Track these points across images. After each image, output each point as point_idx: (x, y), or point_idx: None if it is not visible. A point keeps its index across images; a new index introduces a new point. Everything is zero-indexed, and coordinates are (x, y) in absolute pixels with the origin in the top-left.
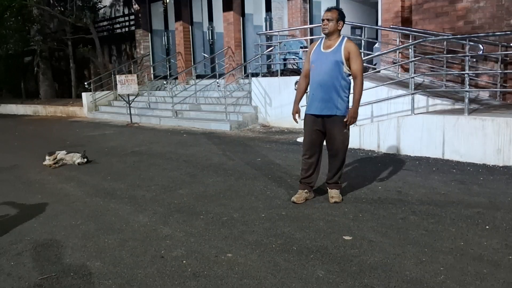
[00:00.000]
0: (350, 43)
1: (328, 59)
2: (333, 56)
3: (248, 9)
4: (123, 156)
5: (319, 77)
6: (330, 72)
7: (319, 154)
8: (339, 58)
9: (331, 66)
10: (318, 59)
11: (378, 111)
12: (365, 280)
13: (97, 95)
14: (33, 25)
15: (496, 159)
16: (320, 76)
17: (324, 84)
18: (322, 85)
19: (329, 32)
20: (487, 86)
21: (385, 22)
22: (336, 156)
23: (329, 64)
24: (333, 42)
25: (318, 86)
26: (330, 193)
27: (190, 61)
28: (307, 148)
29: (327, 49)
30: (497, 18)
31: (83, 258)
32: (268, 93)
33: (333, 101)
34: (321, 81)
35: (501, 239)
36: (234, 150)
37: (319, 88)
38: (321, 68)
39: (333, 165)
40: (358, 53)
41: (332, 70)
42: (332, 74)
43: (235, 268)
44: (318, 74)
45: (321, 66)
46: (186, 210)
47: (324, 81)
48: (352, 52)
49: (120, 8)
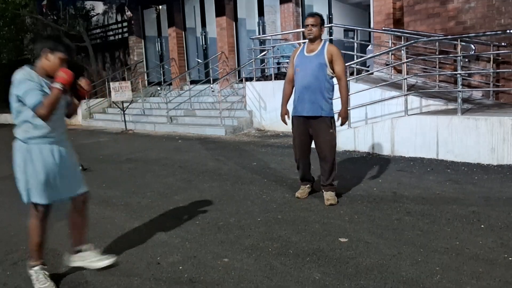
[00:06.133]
0: (332, 47)
1: (313, 62)
2: (317, 59)
3: (241, 14)
4: (118, 163)
5: (304, 79)
6: (315, 75)
7: (310, 152)
8: (322, 60)
9: (316, 68)
10: (303, 62)
11: (372, 113)
12: (361, 282)
13: (91, 103)
14: (27, 34)
15: (490, 158)
16: (305, 79)
17: (310, 86)
18: (308, 87)
19: (314, 37)
20: (480, 86)
21: (377, 24)
22: (325, 158)
23: (313, 67)
24: (315, 46)
25: (304, 89)
26: (325, 195)
27: (184, 66)
28: (298, 149)
29: (311, 53)
30: (488, 18)
31: (79, 267)
32: (263, 97)
33: (318, 103)
34: (307, 83)
35: (496, 238)
36: (230, 155)
37: (305, 90)
38: (306, 71)
39: (324, 167)
40: (340, 56)
41: (317, 73)
42: (317, 76)
43: (231, 273)
44: (303, 77)
45: (306, 69)
46: (181, 216)
47: (309, 83)
48: (334, 54)
49: (113, 15)
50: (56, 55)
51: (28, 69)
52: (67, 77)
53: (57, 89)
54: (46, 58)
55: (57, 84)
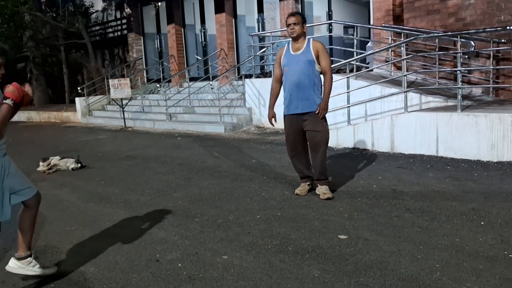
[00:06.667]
0: (317, 42)
1: (300, 60)
2: (304, 56)
3: (240, 10)
4: (117, 160)
5: (294, 77)
6: (305, 72)
7: (306, 149)
8: (310, 57)
9: (304, 66)
10: (291, 61)
11: (371, 110)
12: (361, 279)
13: (91, 100)
14: (25, 32)
15: (490, 155)
16: (295, 77)
17: (301, 83)
18: (299, 85)
19: (297, 35)
20: (479, 83)
21: (376, 20)
22: (318, 151)
23: (302, 65)
24: (300, 45)
25: (295, 87)
26: (320, 189)
27: (183, 63)
28: (292, 147)
29: (297, 51)
30: (488, 15)
31: (78, 264)
32: (262, 94)
33: (311, 98)
34: (297, 81)
35: (496, 235)
36: (229, 152)
37: (296, 88)
38: (295, 69)
39: (316, 161)
40: (325, 51)
41: (307, 70)
42: (307, 73)
43: (230, 270)
44: (293, 75)
45: (295, 67)
46: (181, 213)
47: (300, 81)
48: (320, 50)
49: (112, 12)
50: None
51: None
52: (18, 93)
53: (8, 106)
54: None
55: (8, 100)
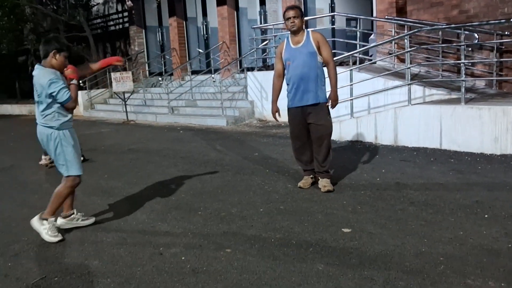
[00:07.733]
0: (316, 34)
1: (302, 52)
2: (305, 49)
3: (242, 3)
4: (119, 154)
5: (297, 70)
6: (307, 64)
7: (310, 142)
8: (312, 49)
9: (307, 58)
10: (293, 55)
11: (375, 103)
12: (365, 272)
13: (93, 93)
14: (26, 24)
15: (493, 148)
16: (299, 69)
17: (304, 75)
18: (302, 78)
19: (298, 29)
20: (483, 75)
21: (380, 13)
22: (322, 144)
23: (304, 57)
24: (300, 37)
25: (299, 79)
26: (321, 182)
27: (185, 57)
28: (297, 140)
29: (297, 45)
30: (492, 7)
31: (81, 258)
32: (264, 87)
33: (314, 91)
34: (301, 74)
35: (500, 228)
36: (231, 145)
37: (300, 80)
38: (298, 62)
39: (320, 154)
40: (325, 41)
41: (309, 62)
42: (310, 65)
43: (234, 263)
44: (296, 68)
45: (298, 60)
46: (184, 207)
47: (304, 73)
48: (320, 41)
49: (114, 5)
50: (62, 55)
51: (53, 70)
52: (76, 74)
53: (75, 85)
54: (54, 57)
55: (74, 81)
